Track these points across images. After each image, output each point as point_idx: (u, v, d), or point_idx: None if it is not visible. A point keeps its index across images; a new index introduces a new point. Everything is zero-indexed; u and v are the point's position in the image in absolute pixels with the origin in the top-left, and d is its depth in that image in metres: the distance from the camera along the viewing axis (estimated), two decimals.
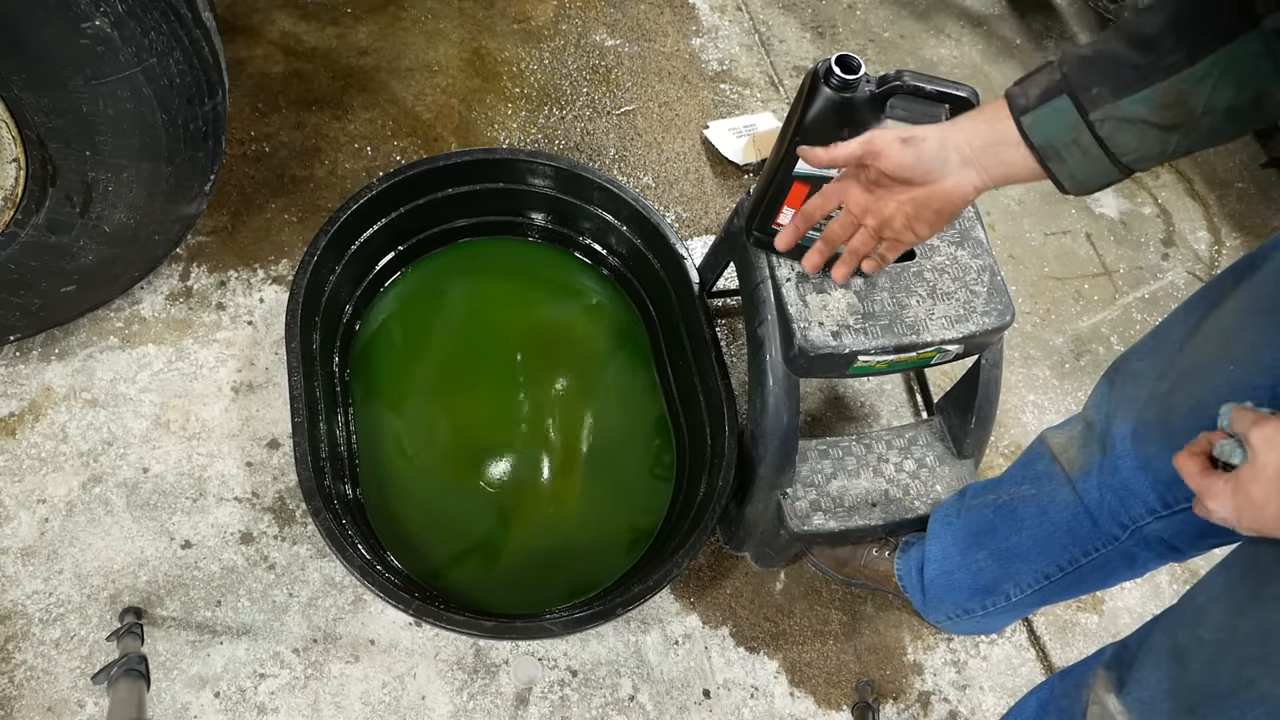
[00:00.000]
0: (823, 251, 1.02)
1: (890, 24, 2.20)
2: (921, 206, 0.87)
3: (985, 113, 0.82)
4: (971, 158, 0.83)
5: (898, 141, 0.84)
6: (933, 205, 0.86)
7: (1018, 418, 1.67)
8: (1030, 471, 1.06)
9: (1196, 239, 1.99)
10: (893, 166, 0.85)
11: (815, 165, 0.93)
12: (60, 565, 1.26)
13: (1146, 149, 0.76)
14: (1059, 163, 0.79)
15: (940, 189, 0.85)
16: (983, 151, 0.82)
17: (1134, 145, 0.76)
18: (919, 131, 0.84)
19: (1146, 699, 0.82)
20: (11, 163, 1.09)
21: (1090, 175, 0.79)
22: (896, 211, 0.89)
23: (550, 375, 1.50)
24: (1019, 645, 1.43)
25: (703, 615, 1.37)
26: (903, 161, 0.84)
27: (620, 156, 1.82)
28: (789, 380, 1.17)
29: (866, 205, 0.91)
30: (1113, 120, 0.75)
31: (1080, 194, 0.81)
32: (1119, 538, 0.93)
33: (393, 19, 1.91)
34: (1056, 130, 0.77)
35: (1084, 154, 0.77)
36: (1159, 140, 0.75)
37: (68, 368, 1.41)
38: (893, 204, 0.89)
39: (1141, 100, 0.73)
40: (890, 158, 0.85)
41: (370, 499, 1.35)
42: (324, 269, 1.36)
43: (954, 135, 0.83)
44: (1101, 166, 0.78)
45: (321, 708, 1.22)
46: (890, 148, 0.84)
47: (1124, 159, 0.77)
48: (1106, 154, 0.76)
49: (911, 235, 0.91)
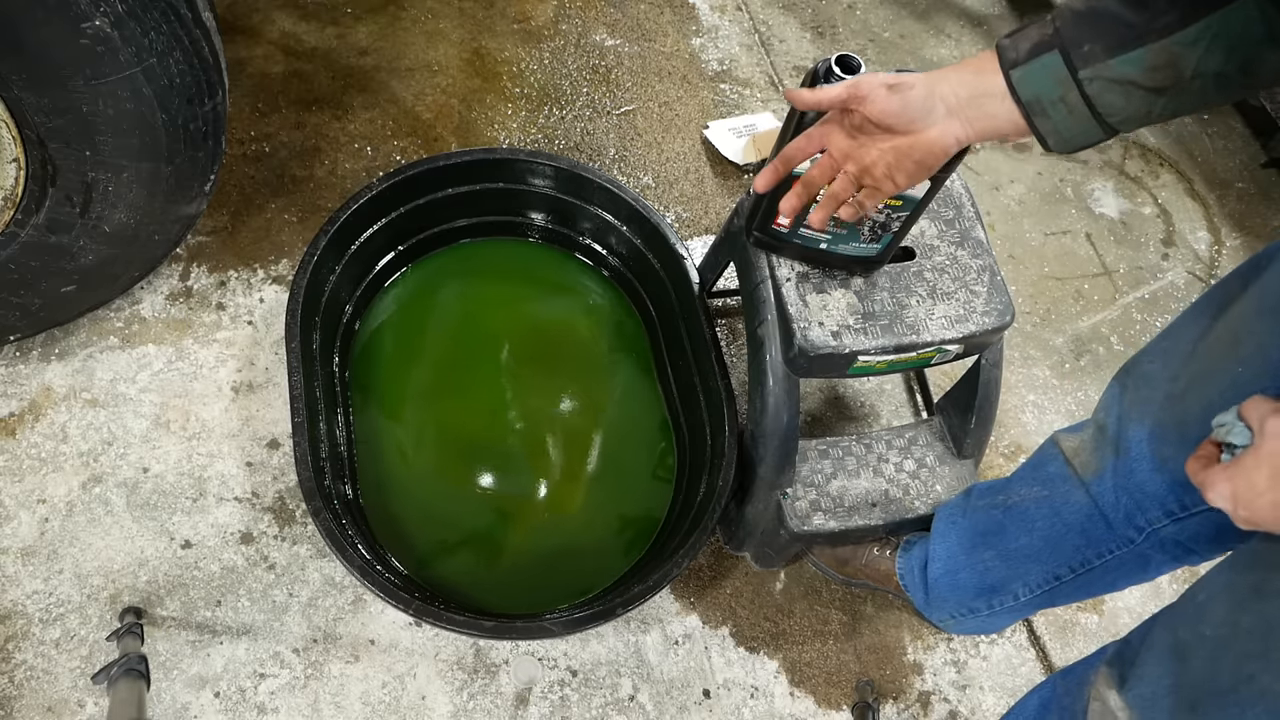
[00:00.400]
0: (800, 195, 0.99)
1: (890, 24, 2.20)
2: (903, 155, 0.86)
3: (974, 63, 0.81)
4: (957, 108, 0.82)
5: (884, 87, 0.83)
6: (914, 155, 0.85)
7: (1018, 418, 1.67)
8: (1041, 473, 1.05)
9: (1196, 239, 1.99)
10: (877, 112, 0.84)
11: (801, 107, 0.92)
12: (60, 565, 1.26)
13: (1133, 110, 0.75)
14: (1044, 119, 0.78)
15: (923, 138, 0.84)
16: (968, 103, 0.81)
17: (1120, 105, 0.75)
18: (905, 79, 0.83)
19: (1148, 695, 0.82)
20: (11, 163, 1.09)
21: (1074, 133, 0.78)
22: (878, 159, 0.87)
23: (549, 375, 1.50)
24: (1019, 645, 1.43)
25: (703, 615, 1.37)
26: (887, 108, 0.83)
27: (620, 156, 1.82)
28: (789, 380, 1.17)
29: (848, 151, 0.89)
30: (1102, 79, 0.74)
31: (1063, 152, 0.80)
32: (1134, 540, 0.93)
33: (393, 19, 1.91)
34: (1045, 86, 0.77)
35: (1070, 111, 0.77)
36: (1145, 102, 0.74)
37: (68, 368, 1.41)
38: (874, 151, 0.87)
39: (1132, 60, 0.73)
40: (875, 103, 0.83)
41: (370, 499, 1.35)
42: (324, 269, 1.36)
43: (941, 85, 0.82)
44: (1086, 125, 0.77)
45: (321, 708, 1.22)
46: (876, 92, 0.83)
47: (1110, 119, 0.76)
48: (1092, 113, 0.76)
49: (891, 184, 0.89)
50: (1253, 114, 2.21)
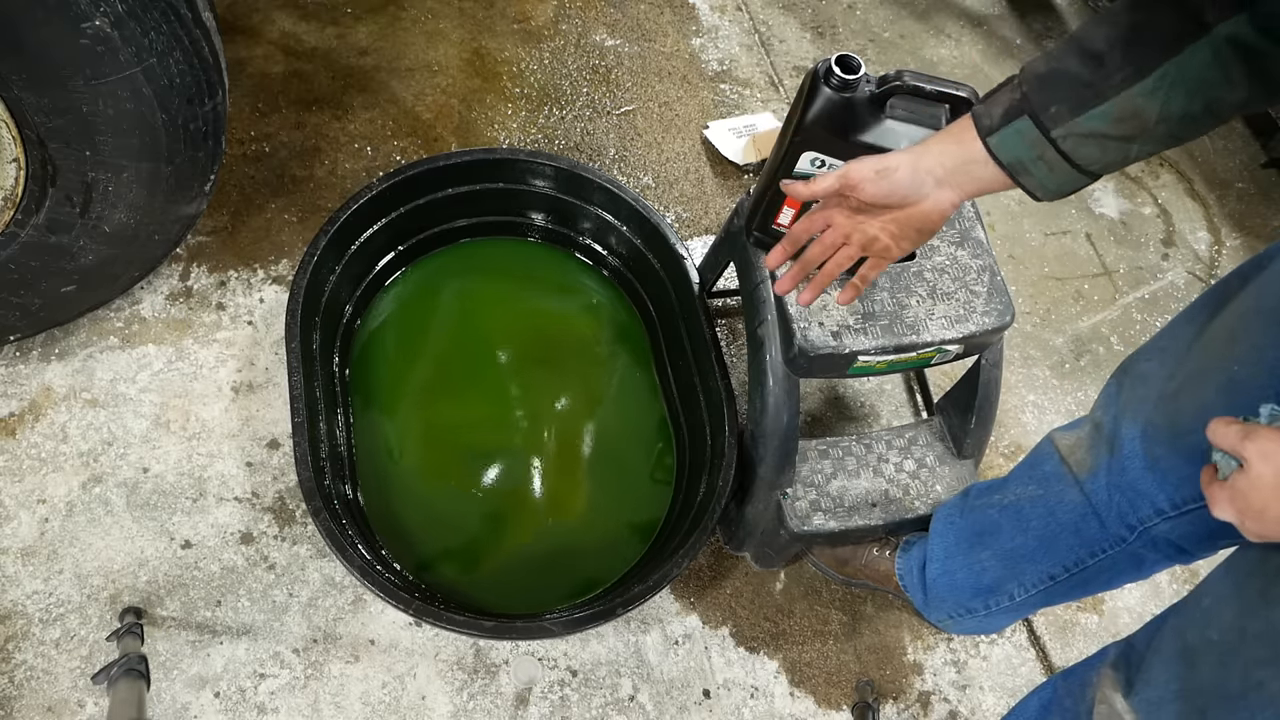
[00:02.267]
0: (796, 276, 1.05)
1: (890, 24, 2.20)
2: (904, 226, 0.91)
3: (952, 132, 0.85)
4: (945, 178, 0.86)
5: (872, 173, 0.87)
6: (914, 224, 0.90)
7: (1018, 418, 1.67)
8: (1037, 472, 1.06)
9: (1196, 239, 1.99)
10: (869, 197, 0.88)
11: (797, 198, 0.97)
12: (60, 565, 1.26)
13: (1109, 158, 0.78)
14: (1028, 176, 0.82)
15: (919, 210, 0.88)
16: (955, 171, 0.85)
17: (1097, 156, 0.78)
18: (890, 161, 0.87)
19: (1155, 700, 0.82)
20: (11, 163, 1.09)
21: (1059, 184, 0.82)
22: (880, 231, 0.92)
23: (550, 375, 1.50)
24: (1019, 645, 1.43)
25: (703, 615, 1.37)
26: (878, 192, 0.87)
27: (620, 156, 1.82)
28: (789, 380, 1.17)
29: (851, 228, 0.94)
30: (1074, 136, 0.77)
31: (1053, 200, 0.84)
32: (1127, 539, 0.93)
33: (393, 19, 1.91)
34: (1021, 149, 0.80)
35: (1050, 168, 0.80)
36: (1120, 149, 0.77)
37: (68, 368, 1.41)
38: (876, 225, 0.92)
39: (1098, 116, 0.75)
40: (866, 190, 0.88)
41: (370, 499, 1.35)
42: (324, 269, 1.36)
43: (925, 159, 0.86)
44: (1068, 176, 0.81)
45: (321, 708, 1.22)
46: (865, 181, 0.87)
47: (1090, 168, 0.79)
48: (1071, 165, 0.79)
49: (896, 251, 0.94)
50: (1253, 114, 2.21)
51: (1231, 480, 0.65)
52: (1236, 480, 0.64)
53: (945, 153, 0.85)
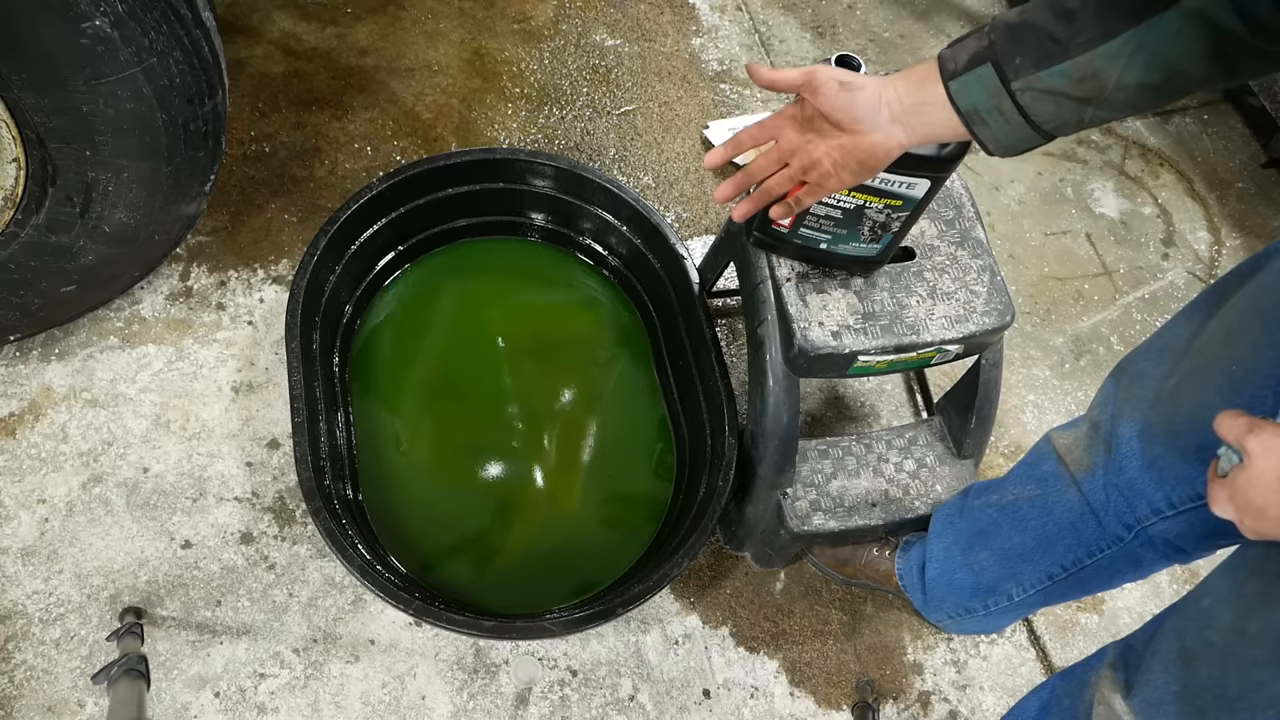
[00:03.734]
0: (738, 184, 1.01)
1: (890, 24, 2.20)
2: (848, 154, 0.89)
3: (917, 72, 0.84)
4: (900, 115, 0.85)
5: (836, 82, 0.86)
6: (858, 155, 0.88)
7: (1018, 418, 1.67)
8: (1035, 472, 1.05)
9: (1196, 239, 1.99)
10: (826, 106, 0.87)
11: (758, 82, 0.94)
12: (60, 565, 1.26)
13: (1064, 118, 0.78)
14: (982, 126, 0.81)
15: (867, 140, 0.87)
16: (911, 110, 0.84)
17: (1052, 114, 0.78)
18: (857, 79, 0.86)
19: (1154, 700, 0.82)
20: (11, 163, 1.09)
21: (1012, 139, 0.82)
22: (824, 156, 0.90)
23: (550, 375, 1.50)
24: (1019, 645, 1.43)
25: (703, 615, 1.37)
26: (836, 103, 0.86)
27: (620, 156, 1.82)
28: (789, 380, 1.17)
29: (796, 145, 0.92)
30: (1032, 90, 0.77)
31: (1004, 155, 0.83)
32: (1124, 538, 0.93)
33: (393, 19, 1.91)
34: (980, 97, 0.80)
35: (1005, 120, 0.80)
36: (1075, 110, 0.77)
37: (68, 368, 1.41)
38: (822, 147, 0.90)
39: (1058, 73, 0.75)
40: (826, 96, 0.86)
41: (370, 499, 1.35)
42: (324, 269, 1.36)
43: (887, 90, 0.85)
44: (1023, 132, 0.80)
45: (321, 708, 1.22)
46: (829, 86, 0.86)
47: (1044, 126, 0.79)
48: (1027, 121, 0.79)
49: (835, 181, 0.92)
50: (1253, 114, 2.21)
51: (1232, 476, 0.64)
52: (1237, 476, 0.64)
53: (906, 90, 0.84)
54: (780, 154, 0.94)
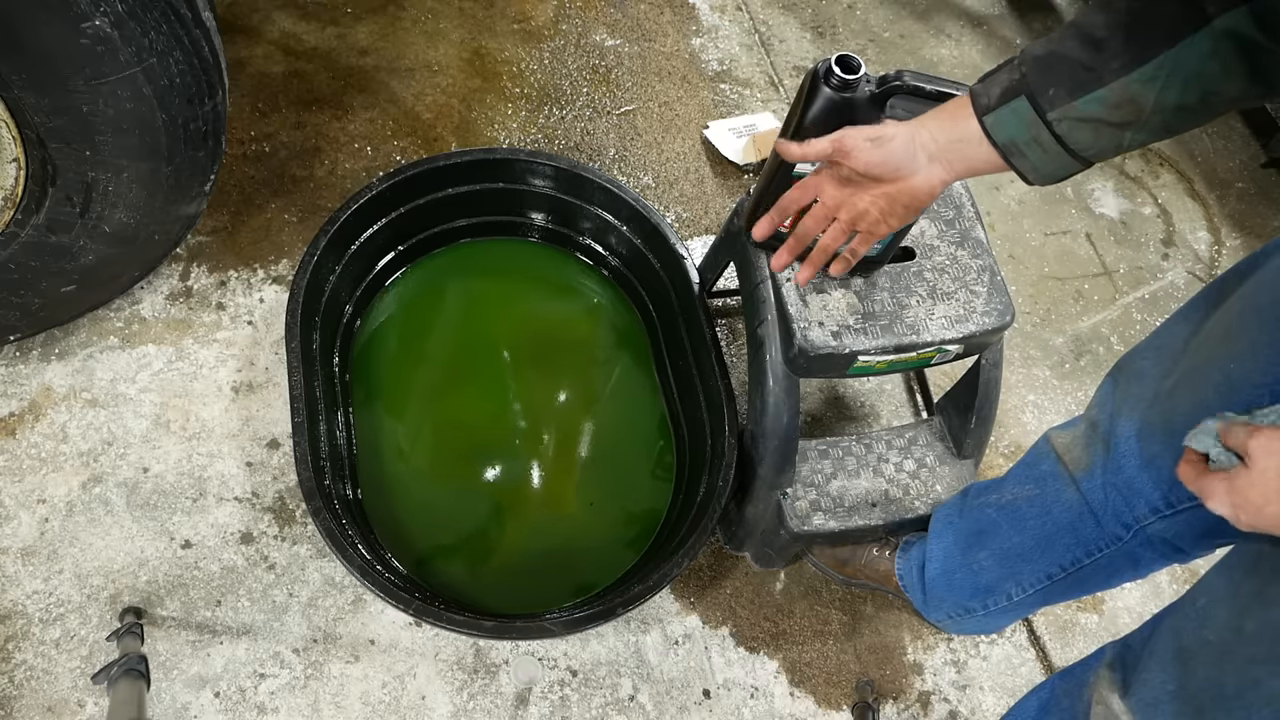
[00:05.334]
0: (792, 249, 1.05)
1: (890, 24, 2.20)
2: (893, 201, 0.91)
3: (949, 109, 0.85)
4: (937, 154, 0.86)
5: (866, 141, 0.87)
6: (902, 200, 0.90)
7: (1018, 418, 1.67)
8: (1034, 471, 1.05)
9: (1196, 239, 1.99)
10: (862, 165, 0.88)
11: (789, 159, 0.96)
12: (60, 565, 1.26)
13: (1103, 144, 0.78)
14: (1021, 158, 0.82)
15: (909, 185, 0.88)
16: (948, 148, 0.85)
17: (1090, 141, 0.78)
18: (886, 131, 0.87)
19: (1151, 700, 0.82)
20: (11, 163, 1.09)
21: (1051, 169, 0.82)
22: (870, 206, 0.92)
23: (550, 375, 1.50)
24: (1019, 645, 1.43)
25: (703, 615, 1.37)
26: (871, 160, 0.87)
27: (620, 156, 1.82)
28: (789, 380, 1.17)
29: (840, 200, 0.94)
30: (1069, 120, 0.77)
31: (1043, 184, 0.84)
32: (1122, 538, 0.93)
33: (393, 19, 1.91)
34: (1016, 129, 0.80)
35: (1044, 150, 0.80)
36: (1114, 136, 0.77)
37: (68, 368, 1.41)
38: (866, 198, 0.92)
39: (1095, 100, 0.76)
40: (859, 157, 0.88)
41: (370, 499, 1.35)
42: (324, 269, 1.36)
43: (920, 133, 0.86)
44: (1062, 161, 0.81)
45: (321, 708, 1.23)
46: (859, 147, 0.87)
47: (1084, 153, 0.80)
48: (1065, 149, 0.79)
49: (885, 228, 0.94)
50: (1253, 114, 2.21)
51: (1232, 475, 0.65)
52: (1237, 476, 0.64)
53: (940, 129, 0.85)
54: (826, 211, 0.96)
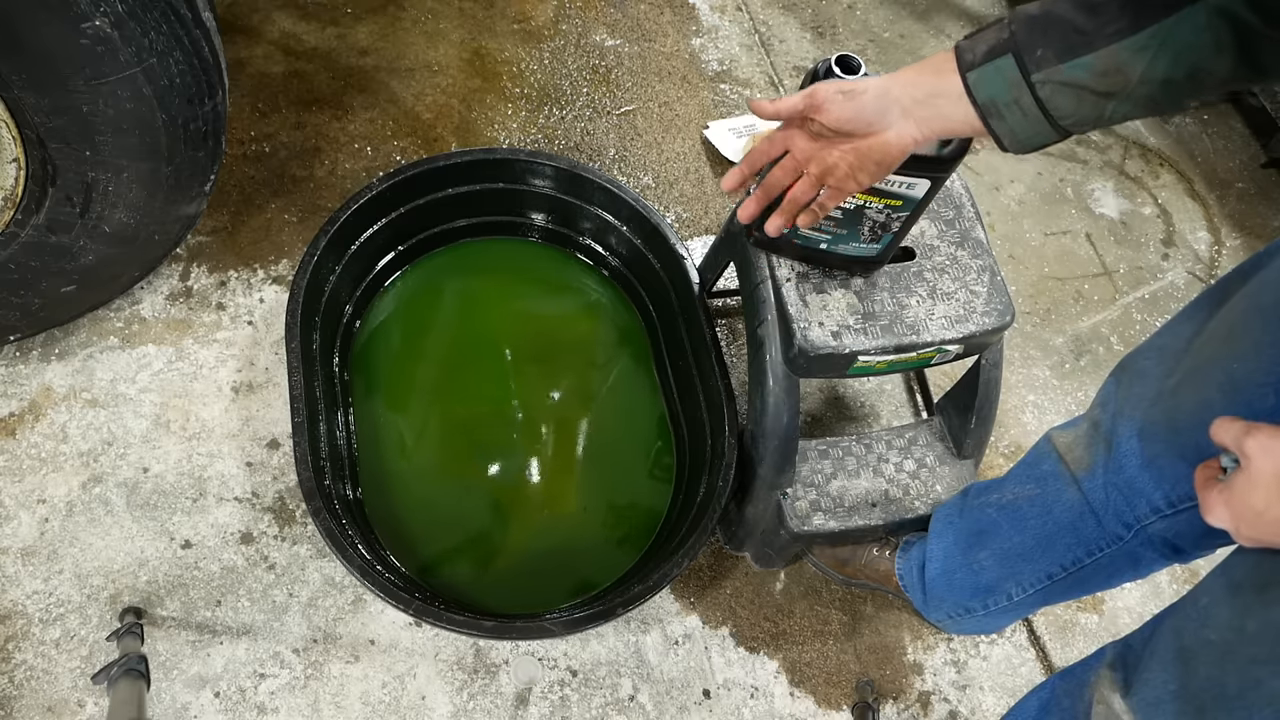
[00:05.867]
0: (760, 200, 1.02)
1: (890, 24, 2.20)
2: (863, 156, 0.89)
3: (931, 64, 0.83)
4: (911, 109, 0.84)
5: (839, 94, 0.86)
6: (873, 156, 0.88)
7: (1018, 418, 1.67)
8: (1035, 471, 1.05)
9: (1196, 239, 1.99)
10: (833, 120, 0.87)
11: (762, 116, 0.94)
12: (60, 565, 1.26)
13: (1084, 113, 0.77)
14: (999, 120, 0.80)
15: (880, 140, 0.86)
16: (923, 103, 0.83)
17: (1072, 109, 0.77)
18: (859, 84, 0.85)
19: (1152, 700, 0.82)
20: (11, 163, 1.09)
21: (1028, 134, 0.80)
22: (839, 160, 0.90)
23: (550, 375, 1.50)
24: (1019, 645, 1.43)
25: (703, 615, 1.37)
26: (842, 115, 0.86)
27: (620, 156, 1.82)
28: (789, 380, 1.17)
29: (810, 152, 0.93)
30: (1053, 83, 0.76)
31: (1018, 152, 0.82)
32: (1123, 537, 0.93)
33: (393, 19, 1.91)
34: (999, 89, 0.79)
35: (1024, 114, 0.79)
36: (1096, 105, 0.76)
37: (68, 368, 1.41)
38: (836, 153, 0.90)
39: (1081, 66, 0.74)
40: (831, 111, 0.86)
41: (370, 499, 1.35)
42: (324, 269, 1.36)
43: (894, 87, 0.84)
44: (1040, 127, 0.79)
45: (321, 708, 1.22)
46: (831, 101, 0.86)
47: (1062, 121, 0.78)
48: (1045, 115, 0.78)
49: (853, 184, 0.92)
50: (1253, 114, 2.21)
51: (1230, 480, 0.64)
52: (1234, 479, 0.63)
53: (917, 83, 0.83)
54: (796, 163, 0.95)
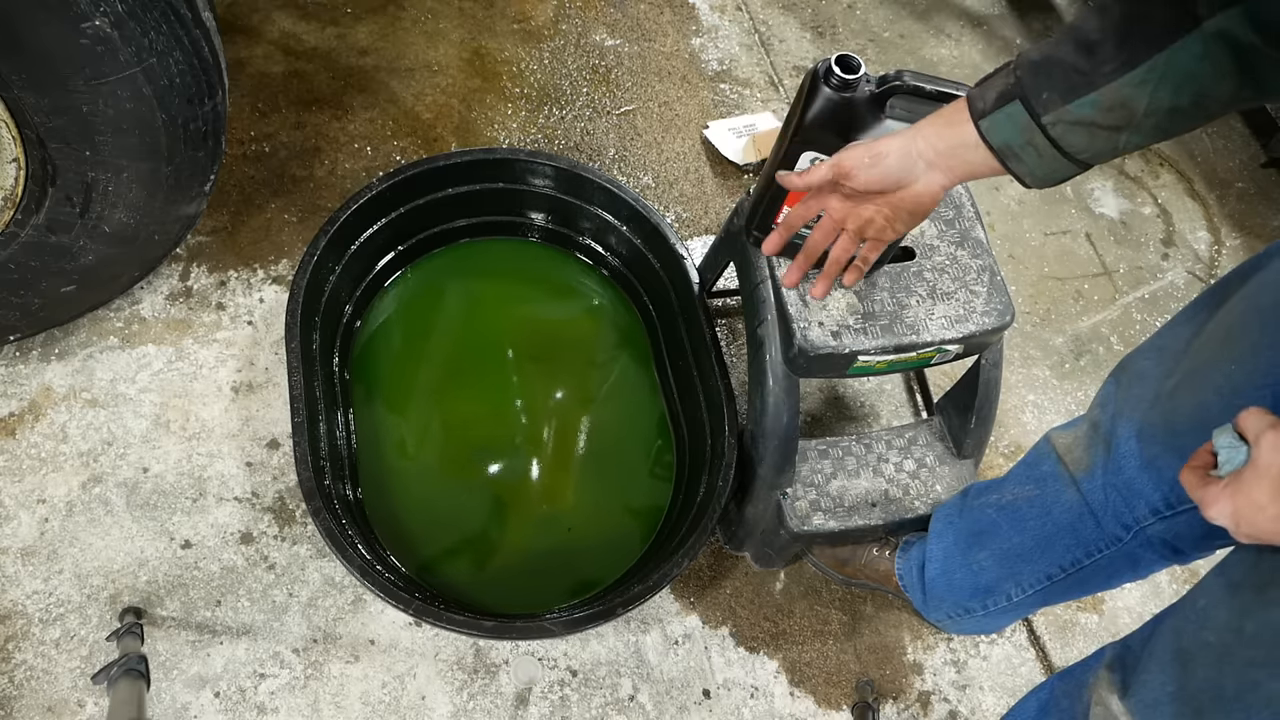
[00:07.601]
0: (801, 266, 1.08)
1: (890, 24, 2.20)
2: (897, 208, 0.93)
3: (946, 115, 0.86)
4: (935, 160, 0.87)
5: (864, 160, 0.90)
6: (906, 207, 0.92)
7: (1018, 418, 1.67)
8: (1035, 472, 1.06)
9: (1196, 239, 1.99)
10: (862, 185, 0.91)
11: (790, 189, 1.00)
12: (60, 565, 1.26)
13: (1098, 147, 0.79)
14: (1017, 162, 0.83)
15: (911, 193, 0.90)
16: (946, 154, 0.87)
17: (1085, 144, 0.79)
18: (881, 147, 0.89)
19: (1150, 701, 0.82)
20: (11, 163, 1.09)
21: (1047, 172, 0.83)
22: (875, 214, 0.95)
23: (550, 375, 1.50)
24: (1019, 645, 1.43)
25: (703, 615, 1.37)
26: (870, 179, 0.90)
27: (620, 156, 1.82)
28: (789, 380, 1.17)
29: (845, 211, 0.97)
30: (1063, 123, 0.78)
31: (1041, 187, 0.85)
32: (1122, 538, 0.93)
33: (393, 19, 1.91)
34: (1011, 133, 0.81)
35: (1039, 154, 0.81)
36: (1108, 139, 0.78)
37: (68, 368, 1.41)
38: (871, 208, 0.95)
39: (1087, 103, 0.76)
40: (859, 177, 0.90)
41: (370, 499, 1.35)
42: (324, 269, 1.36)
43: (916, 142, 0.88)
44: (1057, 164, 0.81)
45: (321, 708, 1.23)
46: (858, 168, 0.90)
47: (1078, 156, 0.80)
48: (1060, 153, 0.80)
49: (892, 233, 0.97)
50: (1253, 114, 2.21)
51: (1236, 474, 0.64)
52: (1243, 472, 0.63)
53: (937, 135, 0.86)
54: (833, 224, 0.99)
